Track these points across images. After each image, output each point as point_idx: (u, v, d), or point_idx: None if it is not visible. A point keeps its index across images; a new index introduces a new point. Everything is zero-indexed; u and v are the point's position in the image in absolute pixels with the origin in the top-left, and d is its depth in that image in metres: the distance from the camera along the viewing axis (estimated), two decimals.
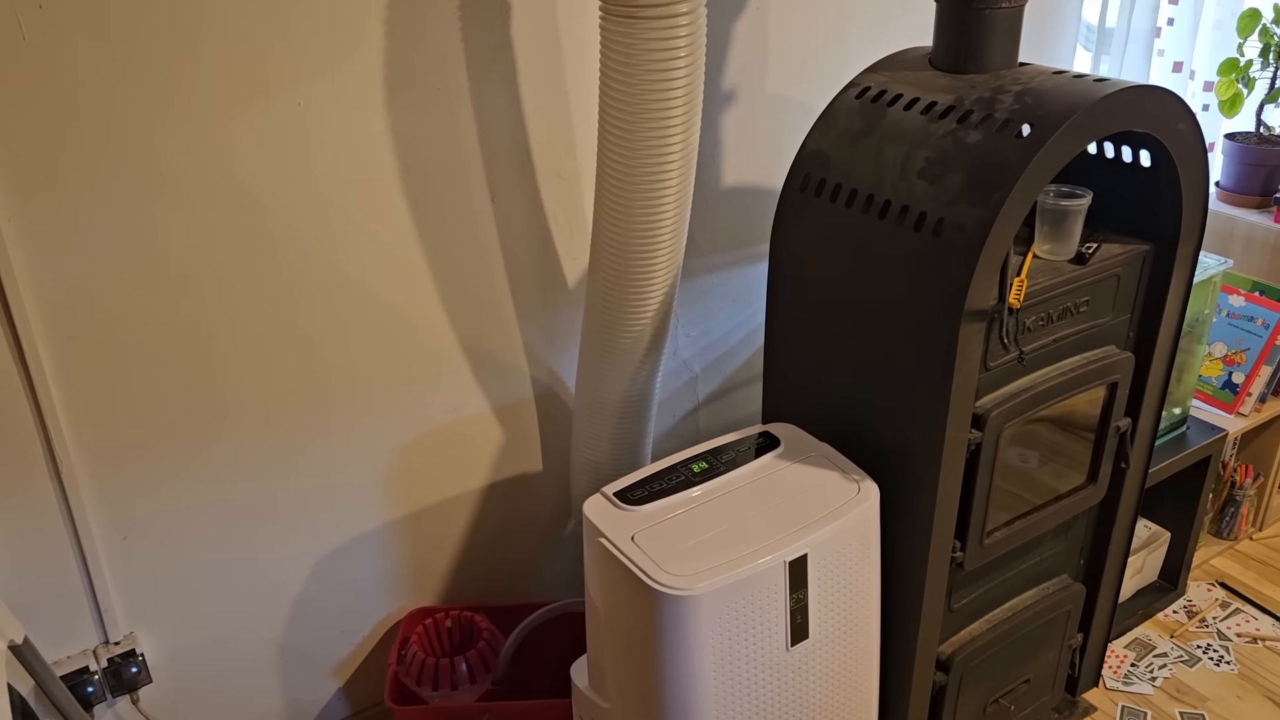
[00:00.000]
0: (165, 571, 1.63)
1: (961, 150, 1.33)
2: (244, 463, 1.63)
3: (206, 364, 1.54)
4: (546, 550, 2.02)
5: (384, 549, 1.83)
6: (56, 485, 1.49)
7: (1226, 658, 2.07)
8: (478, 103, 1.60)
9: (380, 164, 1.56)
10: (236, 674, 1.76)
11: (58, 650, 1.58)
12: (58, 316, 1.41)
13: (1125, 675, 2.03)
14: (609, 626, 1.38)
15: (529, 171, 1.70)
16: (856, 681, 1.47)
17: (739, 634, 1.30)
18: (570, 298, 1.83)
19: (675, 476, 1.43)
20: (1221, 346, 2.21)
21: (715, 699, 1.31)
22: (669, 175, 1.44)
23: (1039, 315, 1.46)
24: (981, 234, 1.27)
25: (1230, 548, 2.37)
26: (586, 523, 1.37)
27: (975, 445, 1.44)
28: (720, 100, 1.83)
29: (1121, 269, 1.53)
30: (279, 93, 1.44)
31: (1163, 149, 1.46)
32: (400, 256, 1.63)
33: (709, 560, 1.29)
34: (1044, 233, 1.52)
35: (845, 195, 1.44)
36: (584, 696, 1.50)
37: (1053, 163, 1.29)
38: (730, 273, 2.00)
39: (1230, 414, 2.17)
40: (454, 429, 1.82)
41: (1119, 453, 1.67)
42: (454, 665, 1.74)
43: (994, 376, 1.44)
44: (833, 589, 1.38)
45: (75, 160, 1.35)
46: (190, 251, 1.47)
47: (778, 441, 1.51)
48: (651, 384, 1.71)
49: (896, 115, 1.43)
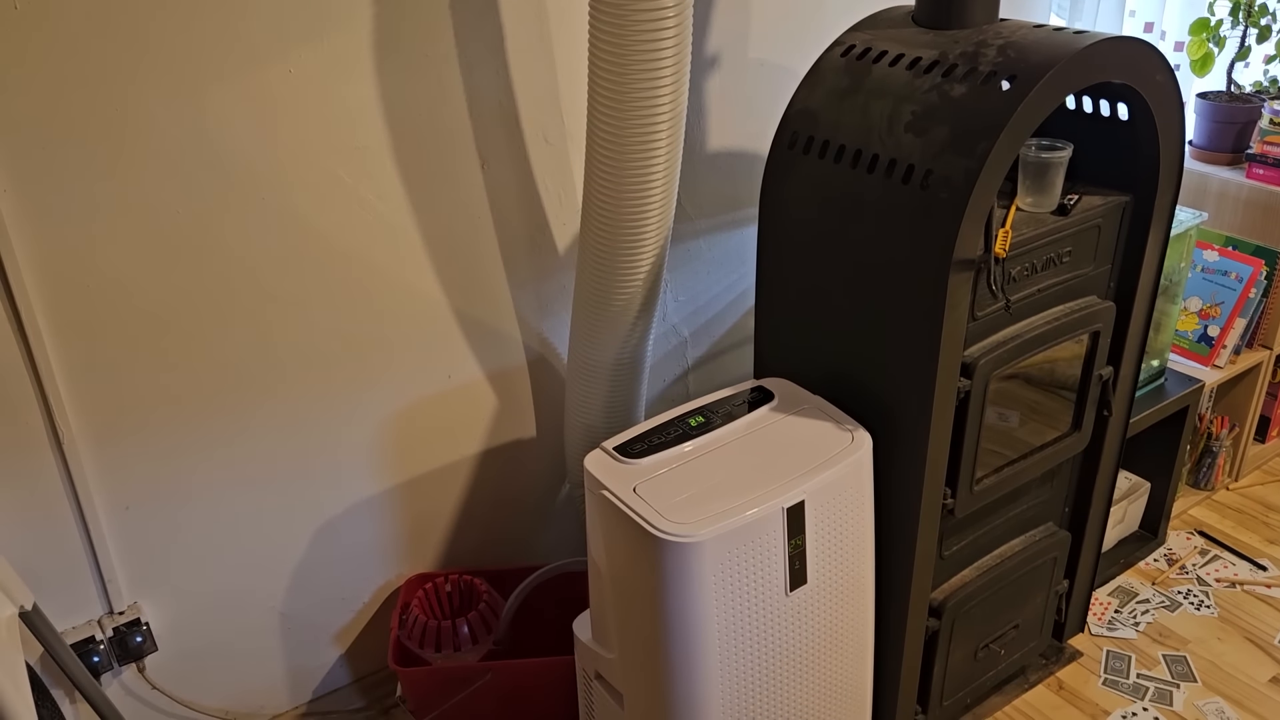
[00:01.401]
0: (167, 541, 1.64)
1: (947, 103, 1.36)
2: (242, 432, 1.64)
3: (202, 333, 1.55)
4: (541, 516, 2.05)
5: (382, 516, 1.85)
6: (58, 456, 1.49)
7: (1207, 602, 2.13)
8: (465, 68, 1.61)
9: (370, 131, 1.57)
10: (240, 642, 1.78)
11: (63, 621, 1.59)
12: (55, 286, 1.41)
13: (1109, 621, 2.09)
14: (612, 578, 1.41)
15: (518, 137, 1.71)
16: (853, 626, 1.51)
17: (740, 579, 1.33)
18: (560, 264, 1.85)
19: (673, 430, 1.46)
20: (1197, 301, 2.26)
21: (718, 643, 1.35)
22: (659, 136, 1.46)
23: (1023, 265, 1.50)
24: (969, 184, 1.30)
25: (1208, 498, 2.43)
26: (588, 476, 1.39)
27: (964, 393, 1.47)
28: (703, 66, 1.85)
29: (1102, 219, 1.57)
30: (268, 60, 1.45)
31: (1140, 101, 1.49)
32: (392, 224, 1.64)
33: (709, 508, 1.32)
34: (1026, 186, 1.56)
35: (834, 151, 1.47)
36: (588, 649, 1.53)
37: (1036, 113, 1.32)
38: (717, 237, 2.03)
39: (1206, 366, 2.23)
40: (448, 396, 1.83)
41: (1102, 400, 1.71)
42: (455, 627, 1.77)
43: (981, 326, 1.48)
44: (829, 535, 1.42)
45: (68, 129, 1.35)
46: (184, 220, 1.47)
47: (771, 395, 1.54)
48: (644, 346, 1.73)
49: (882, 71, 1.46)
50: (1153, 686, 1.93)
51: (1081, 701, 1.91)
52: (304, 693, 1.90)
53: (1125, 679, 1.95)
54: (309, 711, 1.91)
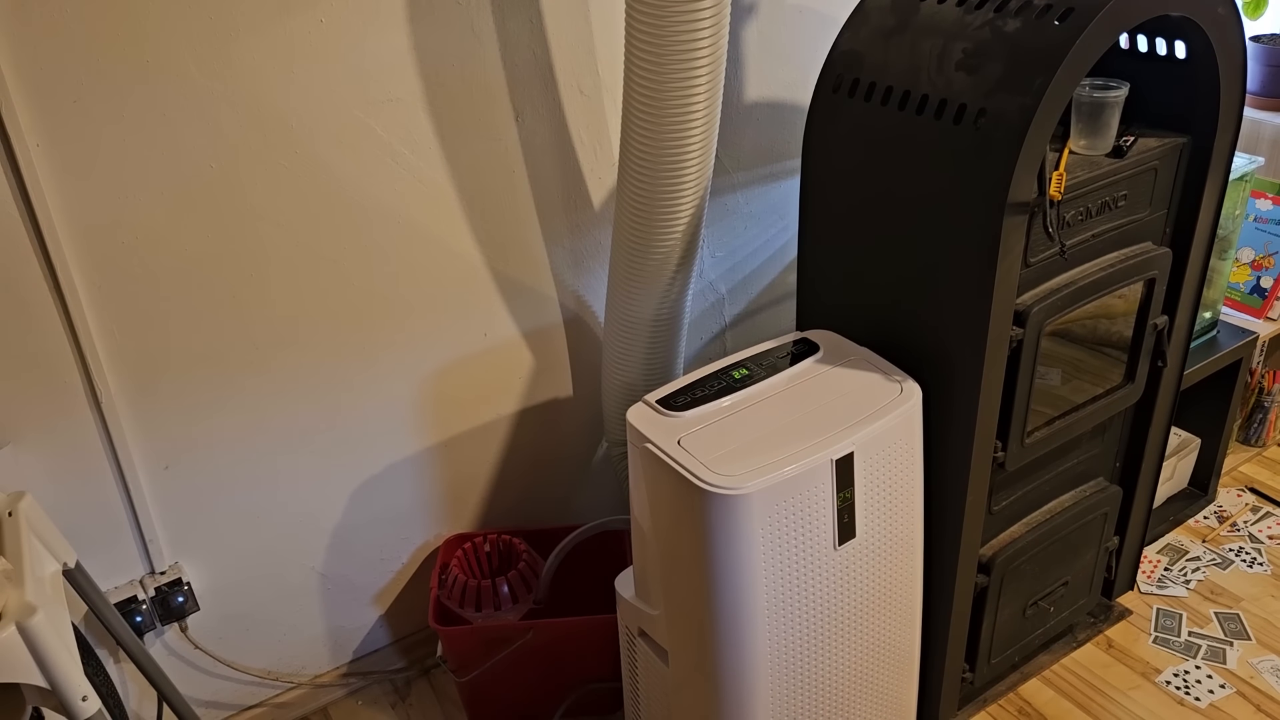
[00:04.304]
0: (207, 501, 1.63)
1: (1000, 39, 1.31)
2: (280, 392, 1.63)
3: (238, 292, 1.53)
4: (579, 475, 2.03)
5: (420, 476, 1.83)
6: (97, 416, 1.49)
7: (1259, 559, 2.08)
8: (499, 18, 1.57)
9: (404, 83, 1.54)
10: (281, 602, 1.78)
11: (106, 581, 1.59)
12: (90, 243, 1.40)
13: (1159, 579, 2.04)
14: (656, 532, 1.38)
15: (552, 89, 1.67)
16: (902, 582, 1.48)
17: (787, 533, 1.30)
18: (595, 219, 1.82)
19: (717, 383, 1.42)
20: (1249, 252, 2.19)
21: (765, 598, 1.32)
22: (699, 81, 1.42)
23: (1078, 210, 1.45)
24: (1025, 121, 1.25)
25: (1259, 454, 2.38)
26: (630, 429, 1.37)
27: (1016, 343, 1.43)
28: (741, 14, 1.80)
29: (1159, 162, 1.51)
30: (299, 9, 1.42)
31: (1199, 36, 1.43)
32: (425, 178, 1.61)
33: (756, 460, 1.29)
34: (1080, 128, 1.50)
35: (880, 94, 1.42)
36: (631, 607, 1.51)
37: (1095, 46, 1.26)
38: (754, 191, 1.98)
39: (1259, 318, 2.16)
40: (484, 355, 1.81)
41: (1156, 350, 1.66)
42: (495, 587, 1.75)
43: (1034, 273, 1.43)
44: (878, 489, 1.38)
45: (99, 82, 1.33)
46: (216, 175, 1.45)
47: (817, 347, 1.50)
48: (683, 301, 1.70)
49: (930, 8, 1.41)
50: (1205, 644, 1.89)
51: (1131, 660, 1.87)
52: (344, 653, 1.90)
53: (1176, 637, 1.91)
54: (350, 672, 1.91)
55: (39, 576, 1.21)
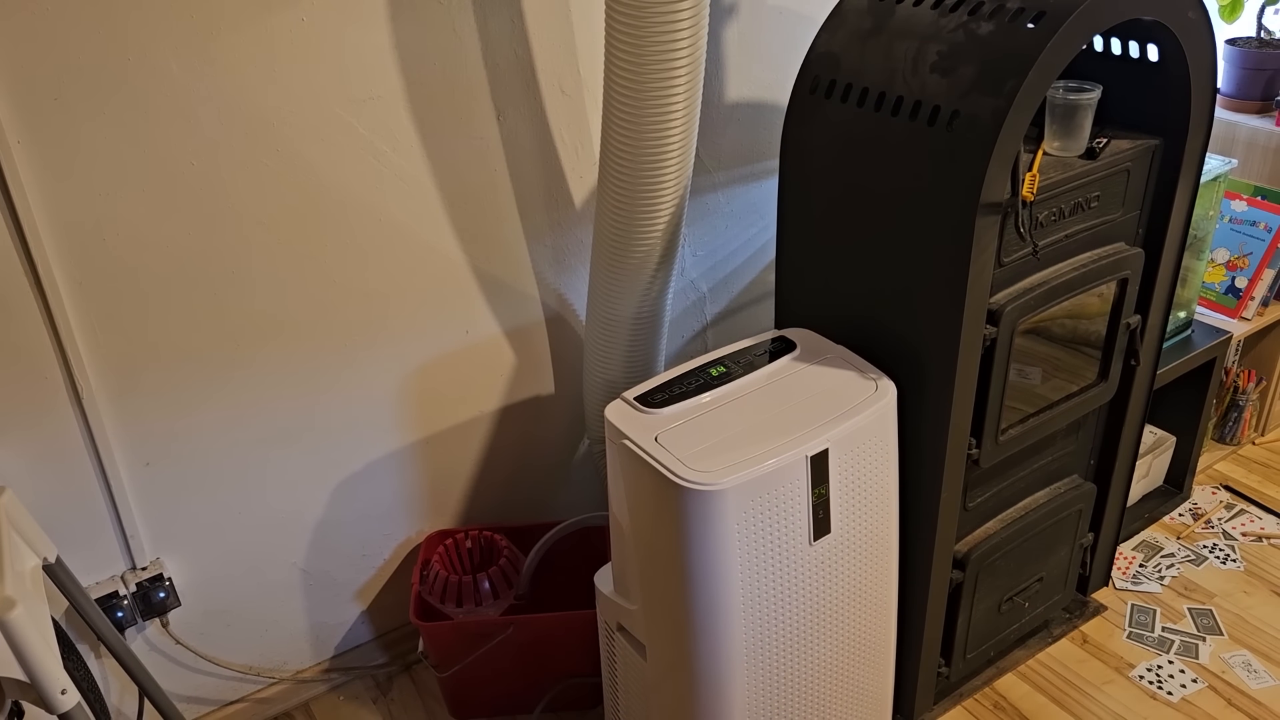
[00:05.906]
0: (188, 497, 1.64)
1: (974, 42, 1.33)
2: (261, 388, 1.63)
3: (220, 290, 1.54)
4: (560, 472, 2.04)
5: (402, 473, 1.84)
6: (78, 412, 1.49)
7: (1233, 556, 2.11)
8: (480, 17, 1.58)
9: (385, 81, 1.55)
10: (263, 598, 1.79)
11: (87, 577, 1.60)
12: (71, 240, 1.40)
13: (1134, 575, 2.07)
14: (633, 528, 1.40)
15: (533, 88, 1.69)
16: (877, 577, 1.50)
17: (763, 528, 1.32)
18: (577, 217, 1.83)
19: (694, 380, 1.44)
20: (1224, 252, 2.22)
21: (741, 593, 1.34)
22: (678, 81, 1.43)
23: (1051, 210, 1.47)
24: (996, 123, 1.27)
25: (1233, 453, 2.41)
26: (609, 426, 1.38)
27: (990, 341, 1.45)
28: (721, 15, 1.82)
29: (1131, 163, 1.54)
30: (280, 7, 1.43)
31: (1171, 40, 1.46)
32: (406, 176, 1.62)
33: (732, 456, 1.30)
34: (1054, 130, 1.52)
35: (856, 95, 1.44)
36: (610, 602, 1.52)
37: (1067, 49, 1.28)
38: (735, 190, 2.00)
39: (1233, 318, 2.19)
40: (466, 352, 1.82)
41: (1129, 350, 1.69)
42: (476, 582, 1.77)
43: (1007, 272, 1.45)
44: (853, 485, 1.40)
45: (80, 79, 1.33)
46: (196, 172, 1.46)
47: (794, 345, 1.52)
48: (663, 299, 1.72)
49: (906, 11, 1.42)
50: (1178, 640, 1.92)
51: (1105, 655, 1.90)
52: (326, 649, 1.91)
53: (1150, 632, 1.94)
54: (332, 667, 1.92)
55: (19, 571, 1.22)
